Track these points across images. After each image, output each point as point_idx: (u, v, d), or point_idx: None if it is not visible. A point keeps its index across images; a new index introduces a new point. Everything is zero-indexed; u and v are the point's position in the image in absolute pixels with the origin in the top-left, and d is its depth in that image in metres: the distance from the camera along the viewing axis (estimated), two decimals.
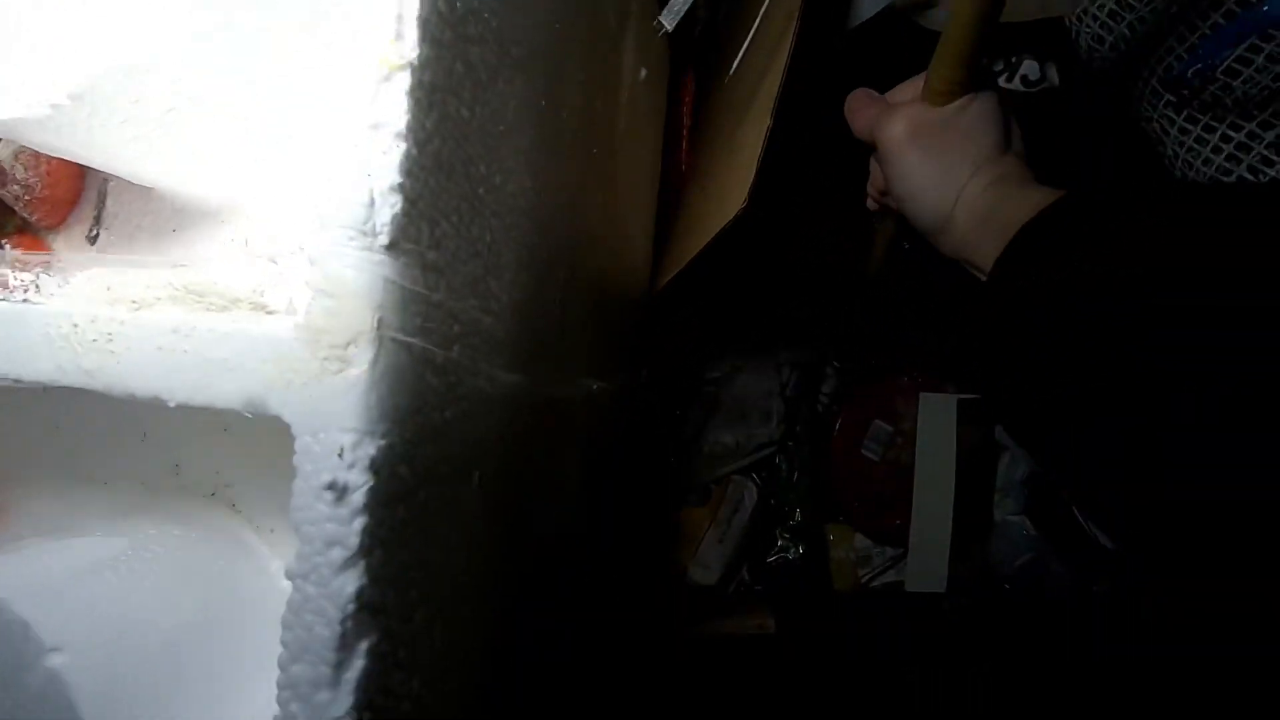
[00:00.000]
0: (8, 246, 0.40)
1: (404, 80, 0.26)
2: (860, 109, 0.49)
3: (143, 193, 0.41)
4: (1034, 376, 0.34)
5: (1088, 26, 0.56)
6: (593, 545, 0.68)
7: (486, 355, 0.35)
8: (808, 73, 0.50)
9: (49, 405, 0.42)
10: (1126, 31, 0.54)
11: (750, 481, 0.89)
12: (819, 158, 0.68)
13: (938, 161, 0.44)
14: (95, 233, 0.41)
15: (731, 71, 0.54)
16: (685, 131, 0.72)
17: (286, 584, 0.39)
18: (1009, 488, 0.76)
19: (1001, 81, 0.68)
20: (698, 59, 0.69)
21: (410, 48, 0.26)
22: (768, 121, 0.48)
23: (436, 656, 0.32)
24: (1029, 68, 0.68)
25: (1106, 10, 0.54)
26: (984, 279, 0.40)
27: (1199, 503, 0.29)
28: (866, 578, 0.81)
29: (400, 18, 0.26)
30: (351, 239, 0.26)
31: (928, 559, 0.74)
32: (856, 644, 0.80)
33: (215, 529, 0.39)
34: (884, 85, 0.51)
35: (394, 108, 0.26)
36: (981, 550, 0.77)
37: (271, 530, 0.40)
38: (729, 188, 0.51)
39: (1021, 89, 0.68)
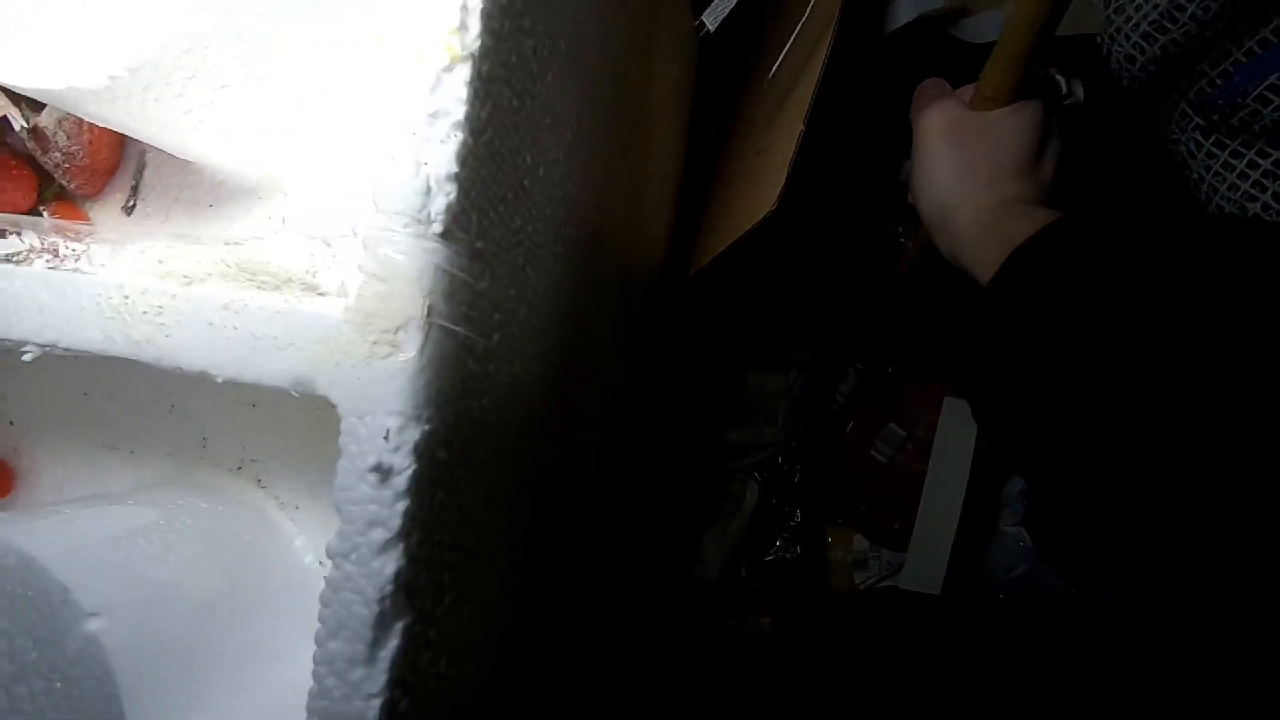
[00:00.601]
0: (46, 214, 0.40)
1: (465, 71, 0.27)
2: (922, 96, 0.50)
3: (181, 166, 0.41)
4: (1017, 372, 0.36)
5: (1120, 45, 0.57)
6: (604, 537, 0.68)
7: (522, 343, 0.35)
8: (840, 76, 0.51)
9: (78, 372, 0.42)
10: (1159, 53, 0.54)
11: (753, 480, 0.89)
12: (846, 157, 0.69)
13: (959, 161, 0.45)
14: (132, 203, 0.41)
15: (771, 75, 0.54)
16: (710, 129, 0.72)
17: (311, 560, 0.40)
18: (1008, 500, 0.77)
19: None
20: (726, 59, 0.69)
21: (473, 38, 0.27)
22: (800, 126, 0.49)
23: (462, 637, 0.33)
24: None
25: (1140, 31, 0.54)
26: (980, 284, 0.42)
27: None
28: (865, 585, 0.81)
29: (465, 8, 0.26)
30: (406, 225, 0.27)
31: (927, 559, 0.75)
32: (851, 644, 0.81)
33: (242, 503, 0.39)
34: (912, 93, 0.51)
35: (454, 98, 0.27)
36: (978, 559, 0.78)
37: (296, 507, 0.40)
38: (760, 188, 0.51)
39: None
